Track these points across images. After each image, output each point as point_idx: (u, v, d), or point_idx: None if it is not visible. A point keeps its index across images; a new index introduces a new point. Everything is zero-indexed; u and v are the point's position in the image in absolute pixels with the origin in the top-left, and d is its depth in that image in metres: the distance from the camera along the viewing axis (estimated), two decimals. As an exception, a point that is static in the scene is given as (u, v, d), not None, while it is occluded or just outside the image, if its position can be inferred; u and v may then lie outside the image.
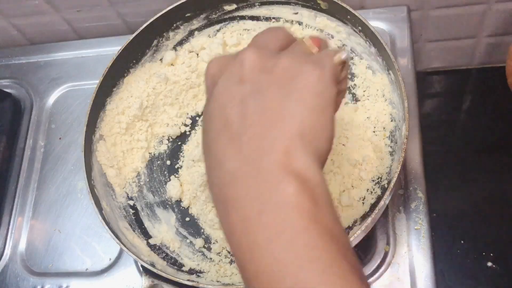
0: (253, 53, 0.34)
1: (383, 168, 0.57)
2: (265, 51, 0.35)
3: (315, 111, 0.32)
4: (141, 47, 0.66)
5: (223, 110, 0.33)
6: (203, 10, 0.67)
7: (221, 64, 0.36)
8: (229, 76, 0.34)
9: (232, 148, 0.32)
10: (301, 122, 0.31)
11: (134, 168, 0.64)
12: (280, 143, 0.31)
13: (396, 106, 0.58)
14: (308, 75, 0.32)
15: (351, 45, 0.64)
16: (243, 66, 0.34)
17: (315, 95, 0.32)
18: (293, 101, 0.32)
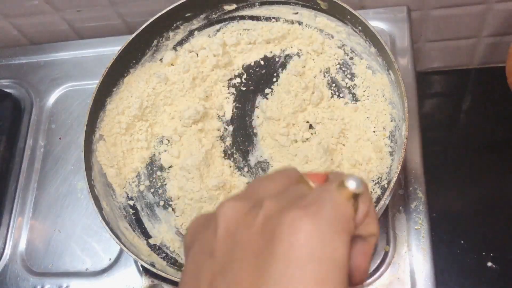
0: (230, 207, 0.26)
1: (383, 168, 0.57)
2: (248, 201, 0.27)
3: (308, 286, 0.22)
4: (141, 47, 0.66)
5: (196, 278, 0.26)
6: (203, 10, 0.67)
7: (197, 226, 0.29)
8: (200, 247, 0.27)
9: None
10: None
11: (134, 168, 0.64)
12: None
13: (396, 106, 0.58)
14: (294, 230, 0.23)
15: (351, 45, 0.64)
16: (216, 231, 0.26)
17: (305, 263, 0.22)
18: (272, 279, 0.22)
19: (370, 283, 0.57)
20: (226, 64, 0.67)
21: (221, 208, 0.27)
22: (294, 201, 0.25)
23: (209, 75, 0.67)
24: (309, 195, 0.25)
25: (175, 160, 0.64)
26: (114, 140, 0.63)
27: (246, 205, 0.26)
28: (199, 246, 0.27)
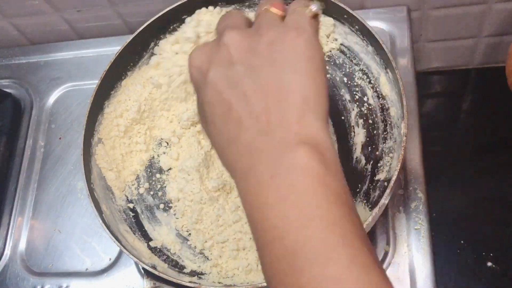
0: (235, 35, 0.35)
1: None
2: (243, 31, 0.35)
3: (312, 76, 0.33)
4: (138, 50, 0.66)
5: (223, 95, 0.34)
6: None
7: (205, 54, 0.36)
8: (218, 62, 0.35)
9: (243, 126, 0.33)
10: (302, 90, 0.33)
11: (133, 171, 0.64)
12: (289, 115, 0.32)
13: (395, 105, 0.58)
14: (295, 43, 0.33)
15: (349, 44, 0.64)
16: (230, 49, 0.34)
17: (307, 61, 0.33)
18: (288, 72, 0.33)
19: (370, 283, 0.57)
20: None
21: (226, 35, 0.35)
22: (283, 26, 0.35)
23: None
24: (289, 20, 0.35)
25: (174, 162, 0.64)
26: (113, 143, 0.63)
27: (245, 32, 0.35)
28: (216, 62, 0.34)
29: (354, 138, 0.61)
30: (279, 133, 0.32)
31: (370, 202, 0.57)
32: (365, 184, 0.58)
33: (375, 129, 0.61)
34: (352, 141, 0.61)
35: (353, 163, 0.60)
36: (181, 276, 0.56)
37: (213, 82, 0.34)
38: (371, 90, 0.62)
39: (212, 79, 0.35)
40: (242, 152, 0.33)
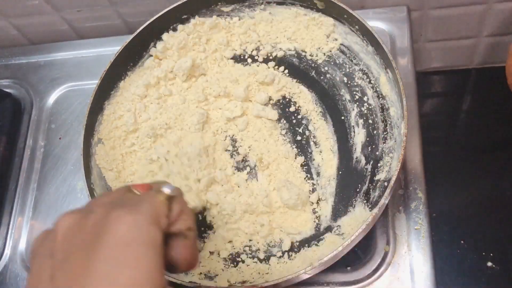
0: (66, 217, 0.32)
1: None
2: (81, 212, 0.32)
3: (127, 265, 0.28)
4: (138, 50, 0.66)
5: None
6: (199, 11, 0.67)
7: (39, 240, 0.33)
8: (42, 252, 0.32)
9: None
10: (110, 284, 0.27)
11: (133, 171, 0.64)
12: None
13: (395, 105, 0.58)
14: (118, 223, 0.29)
15: (349, 44, 0.64)
16: (56, 235, 0.31)
17: (124, 246, 0.28)
18: (99, 261, 0.28)
19: (370, 283, 0.57)
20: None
21: (59, 219, 0.32)
22: (120, 204, 0.31)
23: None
24: (133, 199, 0.32)
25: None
26: (113, 143, 0.63)
27: (81, 214, 0.32)
28: (41, 252, 0.31)
29: (354, 138, 0.61)
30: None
31: (370, 202, 0.57)
32: (365, 184, 0.58)
33: (375, 129, 0.61)
34: (352, 141, 0.61)
35: (353, 163, 0.60)
36: (181, 277, 0.56)
37: (30, 276, 0.31)
38: (371, 90, 0.62)
39: (30, 273, 0.32)
40: None
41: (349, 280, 0.57)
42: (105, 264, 0.28)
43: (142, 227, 0.29)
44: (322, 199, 0.59)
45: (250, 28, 0.69)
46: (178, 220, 0.34)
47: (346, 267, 0.58)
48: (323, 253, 0.55)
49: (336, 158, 0.61)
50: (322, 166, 0.61)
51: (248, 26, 0.68)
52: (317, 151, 0.62)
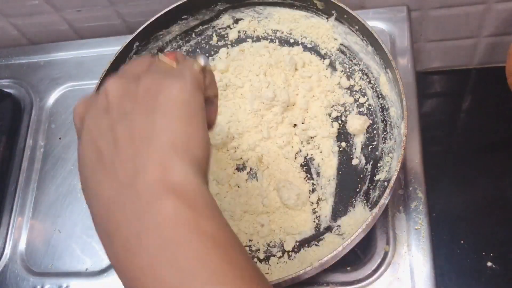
0: (114, 82, 0.34)
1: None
2: (126, 77, 0.35)
3: (183, 120, 0.32)
4: (138, 50, 0.66)
5: (94, 143, 0.33)
6: (199, 11, 0.67)
7: (87, 102, 0.36)
8: (95, 109, 0.34)
9: (106, 177, 0.32)
10: (171, 134, 0.31)
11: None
12: (153, 159, 0.31)
13: (395, 104, 0.58)
14: (170, 88, 0.33)
15: (348, 44, 0.64)
16: (107, 96, 0.34)
17: (180, 105, 0.32)
18: (159, 116, 0.32)
19: (370, 283, 0.57)
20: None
21: (106, 82, 0.34)
22: (164, 74, 0.34)
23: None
24: (175, 70, 0.35)
25: None
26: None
27: (127, 79, 0.34)
28: (94, 109, 0.34)
29: (354, 138, 0.61)
30: (143, 182, 0.30)
31: (370, 202, 0.57)
32: (365, 184, 0.58)
33: (375, 129, 0.61)
34: (352, 141, 0.61)
35: (353, 163, 0.60)
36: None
37: (88, 129, 0.34)
38: (371, 90, 0.62)
39: (86, 127, 0.34)
40: (104, 211, 0.32)
41: (349, 280, 0.57)
42: (165, 119, 0.32)
43: (191, 91, 0.33)
44: (322, 199, 0.59)
45: (250, 28, 0.69)
46: (208, 88, 0.37)
47: (346, 267, 0.58)
48: (323, 253, 0.55)
49: (336, 158, 0.61)
50: (322, 166, 0.61)
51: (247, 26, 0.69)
52: (317, 151, 0.62)
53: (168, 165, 0.30)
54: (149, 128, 0.32)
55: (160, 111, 0.32)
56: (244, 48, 0.68)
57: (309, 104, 0.63)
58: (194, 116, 0.33)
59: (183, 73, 0.34)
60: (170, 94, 0.32)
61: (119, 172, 0.31)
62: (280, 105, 0.61)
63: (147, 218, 0.29)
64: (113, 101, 0.33)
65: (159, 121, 0.32)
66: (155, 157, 0.31)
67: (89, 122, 0.34)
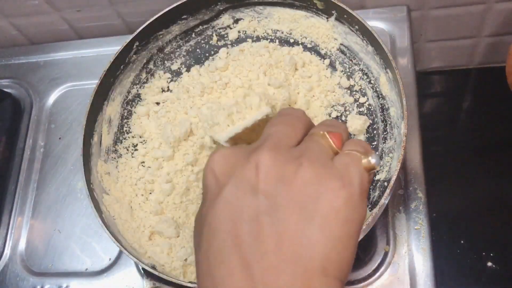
0: (269, 157, 0.30)
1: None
2: (282, 153, 0.31)
3: (341, 242, 0.29)
4: (137, 50, 0.66)
5: (232, 223, 0.29)
6: (199, 11, 0.67)
7: (229, 163, 0.32)
8: (240, 183, 0.30)
9: (240, 272, 0.28)
10: (325, 256, 0.28)
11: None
12: (298, 278, 0.28)
13: (395, 104, 0.58)
14: (334, 196, 0.29)
15: (348, 44, 0.64)
16: (258, 173, 0.30)
17: (342, 223, 0.29)
18: (316, 228, 0.28)
19: (370, 283, 0.57)
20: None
21: (260, 153, 0.30)
22: (328, 169, 0.30)
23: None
24: (338, 164, 0.31)
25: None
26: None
27: (282, 156, 0.30)
28: (238, 181, 0.30)
29: (354, 138, 0.61)
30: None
31: (370, 202, 0.57)
32: (365, 184, 0.58)
33: (375, 129, 0.61)
34: (352, 141, 0.61)
35: (353, 163, 0.60)
36: (181, 276, 0.56)
37: (226, 203, 0.30)
38: (371, 90, 0.62)
39: (226, 197, 0.30)
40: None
41: (349, 280, 0.57)
42: (322, 236, 0.28)
43: (357, 205, 0.29)
44: (322, 199, 0.59)
45: (250, 28, 0.69)
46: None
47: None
48: (323, 253, 0.55)
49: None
50: (322, 166, 0.61)
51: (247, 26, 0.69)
52: (317, 151, 0.62)
53: (313, 286, 0.28)
54: (301, 241, 0.28)
55: (318, 224, 0.28)
56: (244, 48, 0.68)
57: (309, 104, 0.63)
58: (353, 237, 0.29)
59: (351, 177, 0.30)
60: (333, 204, 0.29)
61: (256, 276, 0.28)
62: (281, 103, 0.61)
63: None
64: (263, 182, 0.29)
65: (316, 237, 0.28)
66: (300, 275, 0.28)
67: (230, 195, 0.30)
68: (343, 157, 0.32)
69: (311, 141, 0.33)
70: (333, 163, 0.31)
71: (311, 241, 0.28)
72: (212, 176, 0.32)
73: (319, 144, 0.32)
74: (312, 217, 0.28)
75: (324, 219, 0.28)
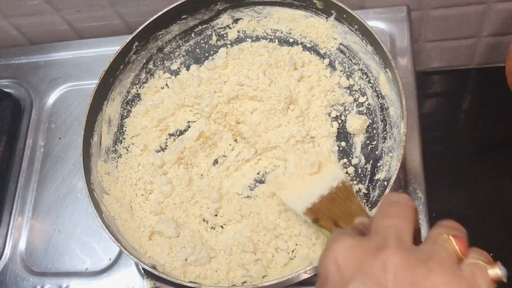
0: (397, 258, 0.30)
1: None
2: (409, 254, 0.31)
3: None
4: (137, 50, 0.66)
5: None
6: (199, 11, 0.67)
7: (355, 257, 0.32)
8: (368, 281, 0.30)
9: None
10: None
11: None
12: None
13: (394, 104, 0.58)
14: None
15: (348, 44, 0.64)
16: (387, 274, 0.30)
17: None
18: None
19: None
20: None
21: (388, 253, 0.31)
22: (457, 277, 0.30)
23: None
24: (467, 273, 0.31)
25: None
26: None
27: (411, 259, 0.30)
28: (366, 279, 0.30)
29: (354, 138, 0.61)
30: None
31: (370, 202, 0.57)
32: (365, 183, 0.58)
33: (375, 129, 0.61)
34: (351, 141, 0.61)
35: (352, 162, 0.60)
36: (181, 276, 0.56)
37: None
38: (370, 90, 0.62)
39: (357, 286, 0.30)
40: None
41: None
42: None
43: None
44: (322, 199, 0.59)
45: (249, 28, 0.69)
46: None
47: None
48: (323, 253, 0.54)
49: (335, 157, 0.61)
50: (322, 166, 0.61)
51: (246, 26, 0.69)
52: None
53: None
54: None
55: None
56: (243, 47, 0.68)
57: (309, 104, 0.63)
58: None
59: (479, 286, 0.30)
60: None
61: None
62: (283, 101, 0.61)
63: None
64: (393, 283, 0.30)
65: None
66: None
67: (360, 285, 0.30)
68: (471, 267, 0.31)
69: (436, 244, 0.32)
70: (461, 271, 0.31)
71: None
72: (335, 267, 0.32)
73: (446, 249, 0.32)
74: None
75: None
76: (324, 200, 0.48)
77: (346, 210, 0.47)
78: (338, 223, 0.46)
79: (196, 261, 0.56)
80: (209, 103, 0.63)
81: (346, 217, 0.46)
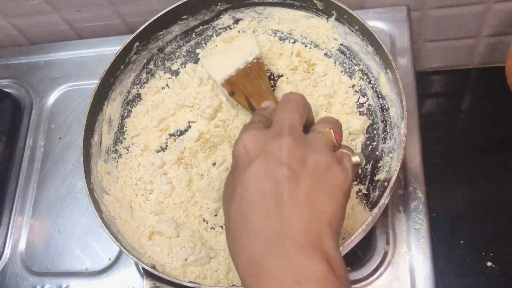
0: (290, 141, 0.40)
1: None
2: (299, 139, 0.41)
3: (341, 207, 0.39)
4: (137, 50, 0.66)
5: (260, 184, 0.38)
6: (199, 11, 0.67)
7: (258, 141, 0.41)
8: (269, 156, 0.39)
9: (268, 220, 0.37)
10: (331, 215, 0.38)
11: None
12: (314, 228, 0.37)
13: (395, 105, 0.58)
14: (338, 175, 0.40)
15: (348, 45, 0.64)
16: (283, 150, 0.39)
17: (342, 193, 0.40)
18: (325, 195, 0.39)
19: (370, 282, 0.57)
20: None
21: (283, 137, 0.40)
22: (332, 157, 0.40)
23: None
24: (337, 155, 0.42)
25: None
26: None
27: (299, 142, 0.40)
28: (266, 155, 0.39)
29: (354, 138, 0.61)
30: (301, 240, 0.36)
31: (370, 202, 0.57)
32: (365, 184, 0.58)
33: (375, 129, 0.61)
34: (352, 141, 0.61)
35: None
36: (181, 276, 0.56)
37: (256, 169, 0.39)
38: (371, 90, 0.62)
39: (257, 166, 0.39)
40: (262, 248, 0.37)
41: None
42: (328, 201, 0.39)
43: (350, 184, 0.41)
44: (322, 199, 0.59)
45: (250, 28, 0.69)
46: None
47: (346, 267, 0.58)
48: (323, 253, 0.54)
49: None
50: (322, 166, 0.61)
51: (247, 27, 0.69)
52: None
53: (324, 237, 0.37)
54: (315, 201, 0.38)
55: (327, 192, 0.39)
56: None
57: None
58: (345, 203, 0.40)
59: (345, 165, 0.41)
60: (336, 181, 0.39)
61: (283, 222, 0.37)
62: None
63: (303, 270, 0.35)
64: (287, 158, 0.39)
65: (325, 201, 0.38)
66: (316, 227, 0.37)
67: (259, 164, 0.39)
68: (341, 154, 0.42)
69: (320, 133, 0.42)
70: (335, 154, 0.41)
71: (321, 203, 0.38)
72: (244, 150, 0.41)
73: (327, 138, 0.42)
74: (323, 187, 0.39)
75: (331, 189, 0.39)
76: (240, 74, 0.56)
77: (257, 89, 0.57)
78: (250, 101, 0.56)
79: (196, 261, 0.56)
80: (210, 104, 0.63)
81: (256, 96, 0.56)
